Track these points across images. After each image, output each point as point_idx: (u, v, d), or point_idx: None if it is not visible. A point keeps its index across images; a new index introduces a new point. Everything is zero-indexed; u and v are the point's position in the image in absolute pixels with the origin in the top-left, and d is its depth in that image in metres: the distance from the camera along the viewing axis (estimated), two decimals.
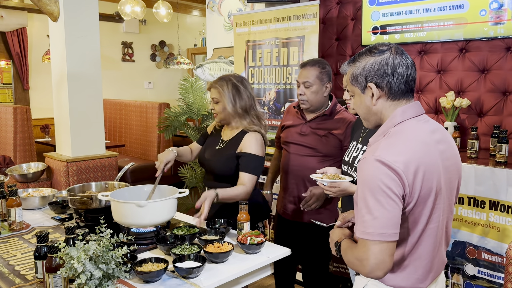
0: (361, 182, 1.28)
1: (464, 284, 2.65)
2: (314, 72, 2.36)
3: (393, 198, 1.22)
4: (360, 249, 1.25)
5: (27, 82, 6.48)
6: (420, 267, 1.36)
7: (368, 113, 1.41)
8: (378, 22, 3.34)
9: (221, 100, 2.27)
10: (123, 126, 6.44)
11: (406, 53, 1.37)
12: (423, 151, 1.28)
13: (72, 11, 3.43)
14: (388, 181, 1.22)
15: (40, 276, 1.55)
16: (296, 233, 2.52)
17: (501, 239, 2.48)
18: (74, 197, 2.19)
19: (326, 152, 2.38)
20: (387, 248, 1.22)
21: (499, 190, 2.48)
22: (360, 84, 1.37)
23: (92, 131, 3.64)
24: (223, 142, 2.37)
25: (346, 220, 1.55)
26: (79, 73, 3.50)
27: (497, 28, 2.81)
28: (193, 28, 8.27)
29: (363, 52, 1.38)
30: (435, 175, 1.30)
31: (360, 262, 1.25)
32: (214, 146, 2.39)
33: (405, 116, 1.34)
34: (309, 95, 2.36)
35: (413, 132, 1.31)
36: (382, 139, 1.33)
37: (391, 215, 1.22)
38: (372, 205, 1.22)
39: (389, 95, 1.35)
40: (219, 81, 2.30)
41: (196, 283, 1.59)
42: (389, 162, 1.22)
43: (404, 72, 1.32)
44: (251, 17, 3.69)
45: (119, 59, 7.49)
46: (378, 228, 1.21)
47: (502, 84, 2.88)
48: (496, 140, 2.67)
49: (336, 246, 1.44)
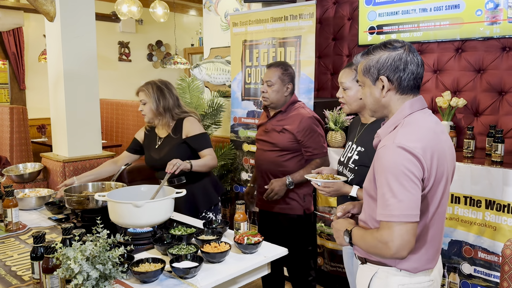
0: (382, 169, 1.35)
1: (461, 283, 2.66)
2: (277, 73, 2.57)
3: (415, 182, 1.31)
4: (384, 231, 1.32)
5: (24, 82, 6.46)
6: (430, 248, 1.45)
7: (376, 104, 1.49)
8: (374, 22, 3.34)
9: (148, 101, 2.56)
10: (120, 126, 6.42)
11: (417, 52, 1.45)
12: (434, 139, 1.39)
13: (69, 11, 3.42)
14: (410, 165, 1.31)
15: (37, 277, 1.55)
16: (268, 222, 2.72)
17: (497, 238, 2.50)
18: (71, 198, 2.19)
19: (283, 146, 2.56)
20: (411, 229, 1.30)
21: (495, 189, 2.49)
22: (372, 76, 1.46)
23: (88, 131, 3.64)
24: (160, 139, 2.63)
25: (346, 211, 1.65)
26: (76, 73, 3.50)
27: (493, 28, 2.82)
28: (190, 28, 8.26)
29: (377, 46, 1.46)
30: (445, 161, 1.40)
31: (385, 245, 1.31)
32: (153, 145, 2.65)
33: (413, 108, 1.44)
34: (270, 93, 2.57)
35: (424, 122, 1.42)
36: (399, 128, 1.41)
37: (414, 198, 1.31)
38: (396, 189, 1.30)
39: (398, 89, 1.44)
40: (145, 85, 2.62)
41: (193, 283, 1.59)
42: (410, 148, 1.32)
43: (415, 70, 1.42)
44: (248, 17, 3.69)
45: (115, 59, 7.48)
46: (404, 210, 1.29)
47: (498, 84, 2.89)
48: (492, 139, 2.68)
49: (346, 234, 1.50)
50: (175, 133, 2.58)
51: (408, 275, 1.45)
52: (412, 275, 1.45)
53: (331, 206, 3.22)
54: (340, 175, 2.10)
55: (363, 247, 1.43)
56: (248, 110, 3.76)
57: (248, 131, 3.77)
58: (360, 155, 2.00)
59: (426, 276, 1.46)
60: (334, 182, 1.98)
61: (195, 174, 2.51)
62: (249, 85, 3.72)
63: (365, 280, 1.53)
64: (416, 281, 1.45)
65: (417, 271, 1.44)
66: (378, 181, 1.37)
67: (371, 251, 1.41)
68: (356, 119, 2.20)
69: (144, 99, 2.58)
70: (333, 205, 3.21)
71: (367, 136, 1.99)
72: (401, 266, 1.44)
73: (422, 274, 1.46)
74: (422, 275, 1.46)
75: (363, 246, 1.43)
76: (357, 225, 1.52)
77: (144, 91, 2.59)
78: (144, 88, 2.61)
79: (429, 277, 1.47)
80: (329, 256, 3.29)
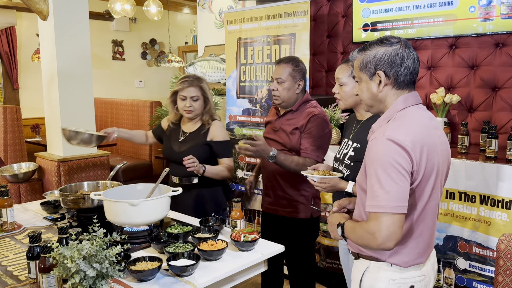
0: (372, 160, 1.38)
1: (456, 278, 2.68)
2: (287, 69, 2.42)
3: (403, 174, 1.33)
4: (372, 222, 1.34)
5: (17, 82, 6.42)
6: (421, 243, 1.47)
7: (373, 99, 1.51)
8: (368, 19, 3.35)
9: (201, 98, 2.50)
10: (115, 125, 6.39)
11: (413, 48, 1.47)
12: (425, 133, 1.41)
13: (62, 9, 3.40)
14: (399, 158, 1.33)
15: (33, 277, 1.54)
16: (276, 226, 2.59)
17: (491, 233, 2.52)
18: (66, 197, 2.18)
19: (291, 147, 2.42)
20: (398, 220, 1.32)
21: (489, 184, 2.50)
22: (369, 71, 1.48)
23: None
24: (184, 134, 2.58)
25: (342, 206, 1.67)
26: (70, 72, 3.48)
27: (486, 24, 2.83)
28: (184, 26, 8.23)
29: (374, 42, 1.48)
30: (435, 155, 1.42)
31: (372, 235, 1.33)
32: (176, 139, 2.60)
33: (407, 103, 1.46)
34: (281, 91, 2.43)
35: (415, 117, 1.44)
36: (390, 122, 1.43)
37: (401, 190, 1.32)
38: (384, 180, 1.33)
39: (395, 84, 1.46)
40: (196, 80, 2.51)
41: (190, 281, 1.59)
42: (399, 140, 1.34)
43: (411, 65, 1.44)
44: (242, 14, 3.69)
45: (109, 57, 7.44)
46: (391, 201, 1.31)
47: (492, 80, 2.91)
48: (486, 135, 2.70)
49: (339, 227, 1.53)
50: (201, 132, 2.53)
51: (398, 269, 1.47)
52: (403, 270, 1.47)
53: (327, 203, 3.23)
54: (336, 171, 2.11)
55: (353, 239, 1.45)
56: (243, 108, 3.76)
57: (244, 129, 3.78)
58: (355, 151, 2.01)
59: (417, 271, 1.48)
60: (331, 178, 1.98)
61: (208, 178, 2.48)
62: (244, 83, 3.72)
63: (358, 275, 1.55)
64: (407, 276, 1.47)
65: (407, 265, 1.46)
66: (368, 173, 1.40)
67: (360, 242, 1.43)
68: (352, 116, 2.21)
69: (197, 95, 2.49)
70: (328, 202, 3.22)
71: (362, 133, 2.00)
72: (391, 260, 1.46)
73: (413, 269, 1.47)
74: (413, 269, 1.47)
75: (354, 238, 1.45)
76: (350, 219, 1.55)
77: (200, 87, 2.50)
78: (200, 84, 2.51)
79: (420, 271, 1.49)
80: (325, 253, 3.31)
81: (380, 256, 1.48)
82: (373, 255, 1.49)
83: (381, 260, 1.48)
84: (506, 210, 2.46)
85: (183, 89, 2.50)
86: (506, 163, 2.48)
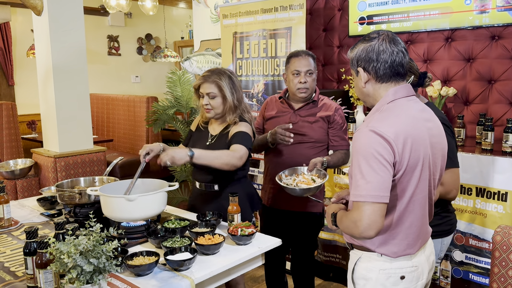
0: (355, 151, 1.41)
1: (452, 270, 2.69)
2: (312, 60, 2.42)
3: (385, 164, 1.36)
4: (354, 211, 1.39)
5: (12, 78, 6.39)
6: (410, 234, 1.49)
7: (361, 94, 1.56)
8: (364, 12, 3.34)
9: (218, 95, 2.19)
10: (111, 120, 6.38)
11: (398, 41, 1.48)
12: (411, 124, 1.42)
13: (56, 4, 3.38)
14: (380, 149, 1.36)
15: (30, 272, 1.54)
16: (284, 222, 2.53)
17: (487, 225, 2.53)
18: (63, 193, 2.18)
19: (316, 138, 2.42)
20: (378, 209, 1.35)
21: (486, 177, 2.51)
22: (354, 68, 1.53)
23: (79, 126, 3.61)
24: (212, 137, 2.30)
25: (340, 197, 1.70)
26: (65, 67, 3.46)
27: (482, 17, 2.83)
28: (179, 21, 8.20)
29: (360, 40, 1.54)
30: (421, 147, 1.43)
31: (354, 224, 1.38)
32: (204, 142, 2.30)
33: (397, 95, 1.48)
34: (311, 82, 2.40)
35: (404, 109, 1.46)
36: (376, 114, 1.47)
37: (382, 180, 1.35)
38: (365, 171, 1.36)
39: (376, 78, 1.49)
40: (214, 75, 2.21)
41: (187, 275, 1.59)
42: (381, 132, 1.37)
43: (388, 58, 1.46)
44: (237, 8, 3.68)
45: (105, 53, 7.41)
46: (371, 191, 1.35)
47: (488, 73, 2.91)
48: (482, 128, 2.70)
49: (332, 217, 1.57)
50: (224, 133, 2.25)
51: (388, 260, 1.49)
52: (393, 260, 1.49)
53: (326, 197, 3.24)
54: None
55: (342, 228, 1.49)
56: None
57: None
58: None
59: (408, 261, 1.50)
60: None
61: (229, 185, 2.26)
62: (240, 77, 3.71)
63: (351, 265, 1.58)
64: (397, 266, 1.49)
65: (396, 255, 1.48)
66: (352, 163, 1.44)
67: (346, 231, 1.47)
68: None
69: (213, 92, 2.19)
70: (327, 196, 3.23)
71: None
72: (381, 250, 1.49)
73: (403, 259, 1.49)
74: (403, 260, 1.49)
75: (342, 227, 1.49)
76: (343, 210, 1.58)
77: (216, 83, 2.18)
78: (216, 79, 2.19)
79: (411, 262, 1.50)
80: (323, 246, 3.32)
81: (371, 246, 1.50)
82: (364, 245, 1.51)
83: (371, 251, 1.51)
84: (502, 202, 2.47)
85: (199, 85, 2.26)
86: (502, 155, 2.48)
